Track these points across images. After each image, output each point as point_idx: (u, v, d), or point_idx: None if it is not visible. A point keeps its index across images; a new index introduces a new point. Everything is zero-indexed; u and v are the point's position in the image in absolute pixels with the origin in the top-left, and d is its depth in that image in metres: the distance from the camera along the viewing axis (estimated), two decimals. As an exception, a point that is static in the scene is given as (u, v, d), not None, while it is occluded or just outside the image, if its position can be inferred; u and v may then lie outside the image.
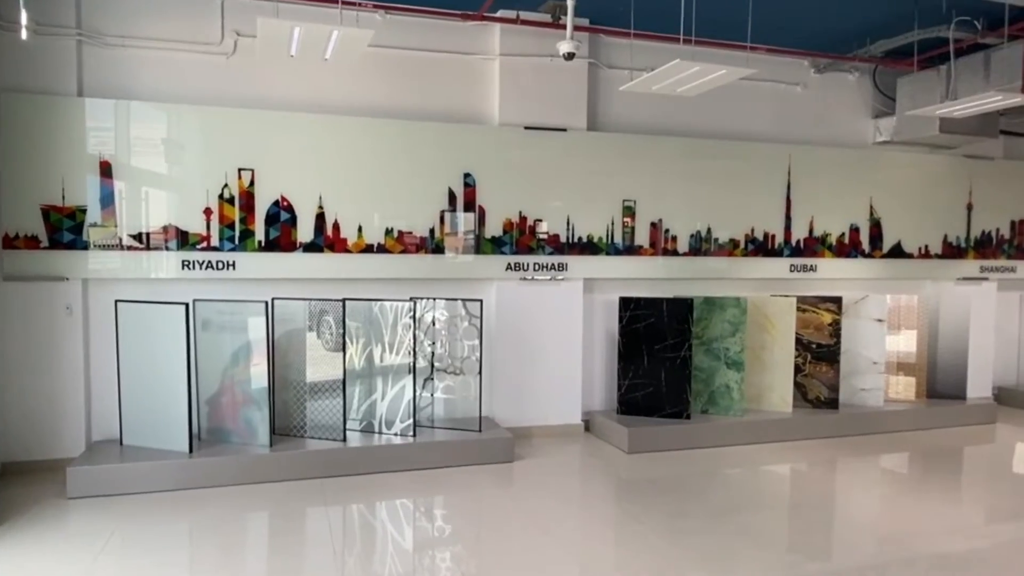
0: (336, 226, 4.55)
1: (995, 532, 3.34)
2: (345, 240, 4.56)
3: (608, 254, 5.13)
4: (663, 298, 4.92)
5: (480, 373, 4.55)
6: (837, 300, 5.26)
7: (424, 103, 4.83)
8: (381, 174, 4.62)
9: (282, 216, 4.45)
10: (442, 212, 4.75)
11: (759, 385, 5.18)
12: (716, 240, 5.39)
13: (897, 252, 5.91)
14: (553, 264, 5.01)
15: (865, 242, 5.81)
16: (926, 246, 6.01)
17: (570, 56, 4.16)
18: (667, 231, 5.27)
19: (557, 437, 5.00)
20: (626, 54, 5.14)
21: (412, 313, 4.36)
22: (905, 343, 5.70)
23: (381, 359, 4.45)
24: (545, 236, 4.97)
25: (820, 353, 5.27)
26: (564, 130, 4.97)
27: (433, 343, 4.61)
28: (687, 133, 5.41)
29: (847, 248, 5.75)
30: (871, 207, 5.82)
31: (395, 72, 4.78)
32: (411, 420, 4.34)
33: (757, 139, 5.58)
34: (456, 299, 4.56)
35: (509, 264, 4.90)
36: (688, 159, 5.30)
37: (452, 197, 4.77)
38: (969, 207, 6.13)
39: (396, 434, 4.33)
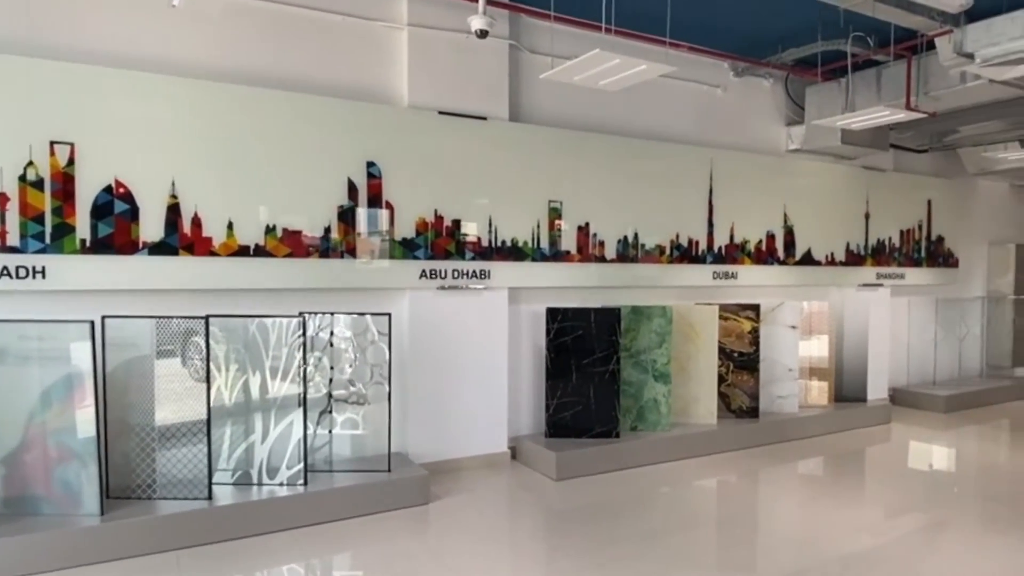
0: (197, 221, 3.54)
1: (895, 527, 3.60)
2: (209, 240, 3.57)
3: (535, 260, 4.60)
4: (591, 308, 4.59)
5: (389, 401, 3.84)
6: (756, 308, 5.25)
7: (318, 73, 3.97)
8: (261, 157, 3.70)
9: (117, 207, 3.37)
10: (340, 207, 3.92)
11: (685, 397, 5.05)
12: (643, 246, 5.09)
13: (808, 259, 6.01)
14: (475, 271, 4.37)
15: (780, 249, 5.83)
16: (832, 253, 6.19)
17: (483, 33, 3.75)
18: (595, 235, 4.85)
19: (481, 469, 4.43)
20: (549, 39, 4.64)
21: (302, 332, 3.55)
22: (818, 349, 5.80)
23: (261, 391, 3.56)
24: (467, 239, 4.31)
25: (742, 362, 5.26)
26: (484, 119, 4.36)
27: (331, 368, 3.81)
28: (614, 131, 5.06)
29: (764, 255, 5.74)
30: (785, 214, 5.85)
31: (282, 33, 3.88)
32: (301, 465, 3.54)
33: (681, 141, 5.39)
34: (359, 313, 3.85)
35: (424, 271, 4.19)
36: (615, 159, 4.94)
37: (353, 190, 3.95)
38: (867, 216, 6.42)
39: (281, 484, 3.54)
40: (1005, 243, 7.98)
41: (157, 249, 3.45)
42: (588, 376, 4.51)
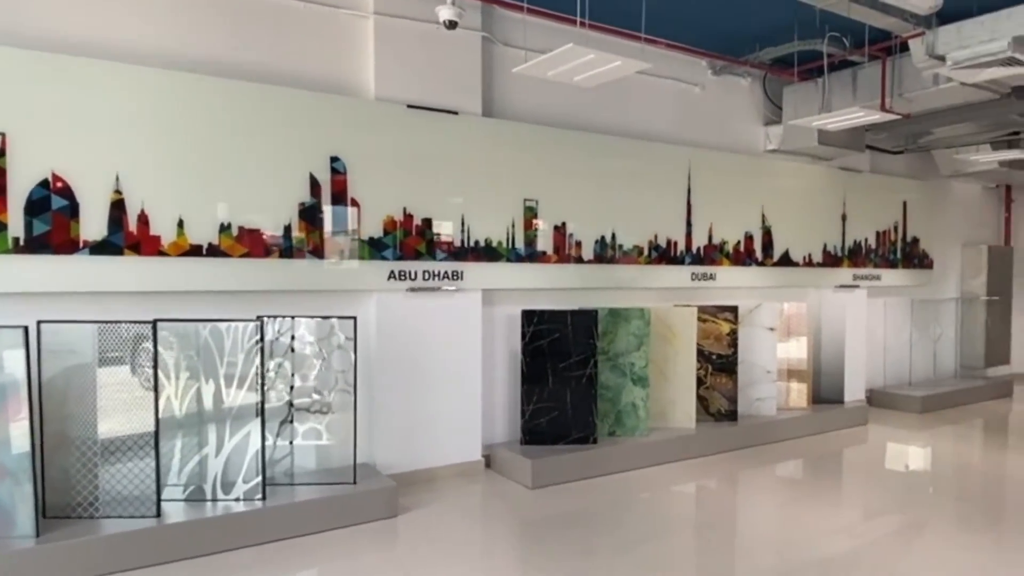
0: (144, 218, 3.31)
1: (872, 529, 3.61)
2: (158, 238, 3.34)
3: (510, 260, 4.45)
4: (568, 310, 4.46)
5: (355, 409, 3.66)
6: (734, 309, 5.19)
7: (278, 63, 3.77)
8: (215, 151, 3.48)
9: (55, 202, 3.12)
10: (302, 205, 3.72)
11: (663, 400, 4.96)
12: (621, 247, 4.97)
13: (786, 260, 5.96)
14: (447, 272, 4.19)
15: (759, 250, 5.77)
16: (810, 254, 6.15)
17: (452, 24, 3.63)
18: (571, 235, 4.72)
19: (453, 479, 4.26)
20: (523, 31, 4.50)
21: (259, 337, 3.35)
22: (796, 350, 5.75)
23: (215, 400, 3.36)
24: (438, 238, 4.14)
25: (720, 364, 5.20)
26: (455, 113, 4.19)
27: (292, 375, 3.62)
28: (591, 128, 4.94)
29: (743, 256, 5.67)
30: (763, 215, 5.80)
31: (239, 19, 3.67)
32: (259, 478, 3.34)
33: (659, 139, 5.29)
34: (322, 316, 3.66)
35: (392, 272, 4.00)
36: (593, 157, 4.82)
37: (316, 186, 3.75)
38: (843, 217, 6.41)
39: (238, 499, 3.34)
40: (978, 244, 8.08)
41: (100, 248, 3.20)
42: (565, 380, 4.39)
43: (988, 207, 8.56)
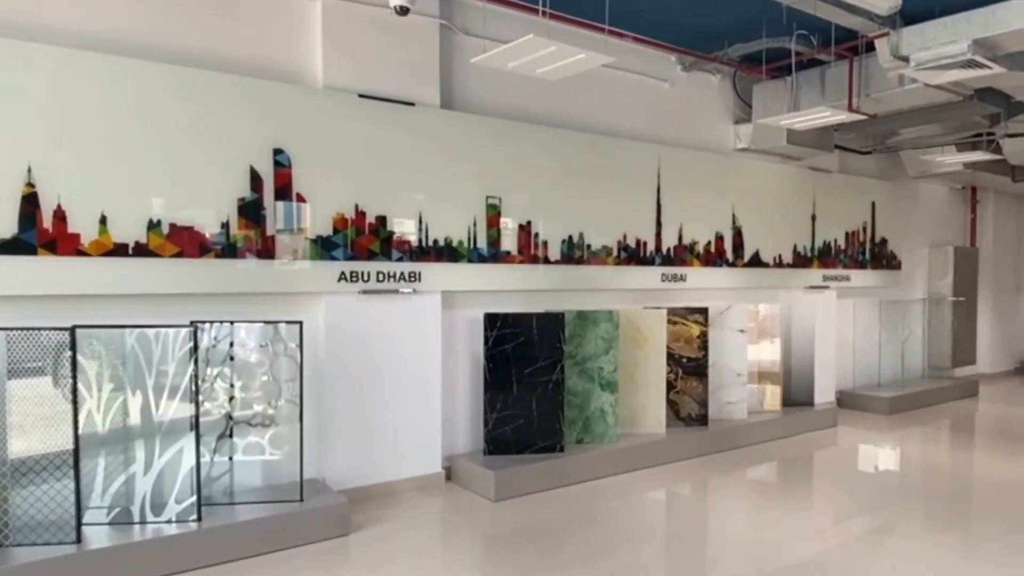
0: (60, 214, 3.01)
1: (842, 532, 3.60)
2: (77, 236, 3.04)
3: (471, 261, 4.24)
4: (533, 313, 4.31)
5: (301, 421, 3.42)
6: (704, 311, 5.09)
7: (216, 46, 3.50)
8: (144, 141, 3.20)
9: (-46, 196, 2.81)
10: (242, 200, 3.46)
11: (633, 406, 4.83)
12: (589, 247, 4.81)
13: (756, 261, 5.88)
14: (403, 273, 3.97)
15: (729, 251, 5.67)
16: (780, 255, 6.08)
17: (403, 10, 3.46)
18: (537, 235, 4.54)
19: (411, 493, 4.05)
20: (482, 20, 4.30)
21: (192, 344, 3.09)
22: (767, 353, 5.68)
23: (144, 414, 3.10)
24: (394, 237, 3.91)
25: (690, 367, 5.10)
26: (412, 104, 3.97)
27: (231, 385, 3.38)
28: (557, 123, 4.77)
29: (713, 257, 5.57)
30: (734, 215, 5.70)
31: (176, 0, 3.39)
32: (193, 498, 3.09)
33: (628, 136, 5.15)
34: (265, 322, 3.42)
35: (343, 273, 3.76)
36: (559, 153, 4.65)
37: (257, 180, 3.49)
38: (813, 218, 6.36)
39: (170, 520, 3.08)
40: (944, 246, 8.16)
41: (9, 247, 2.90)
42: (530, 387, 4.23)
43: (955, 208, 8.67)
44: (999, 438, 5.78)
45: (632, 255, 5.06)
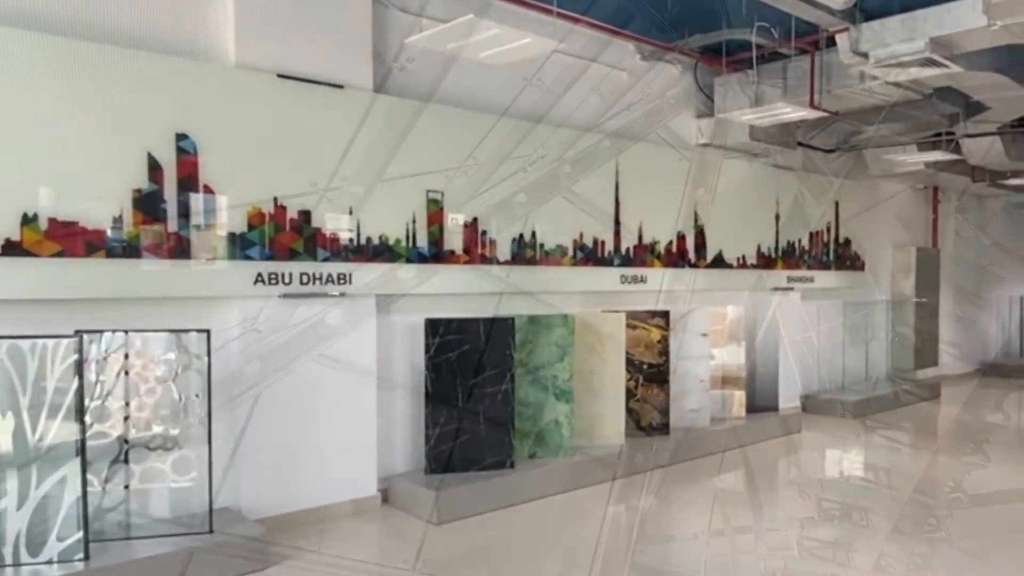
0: (-99, 207, 2.56)
1: (806, 540, 3.57)
2: (-72, 232, 2.60)
3: (410, 261, 3.90)
4: (481, 319, 4.03)
5: (209, 443, 3.05)
6: (665, 315, 4.89)
7: (109, 15, 3.07)
8: (16, 123, 2.78)
9: None
10: (138, 192, 3.04)
11: (590, 416, 4.58)
12: (542, 246, 4.52)
13: (719, 262, 5.69)
14: (331, 274, 3.59)
15: (691, 251, 5.46)
16: (744, 256, 5.90)
17: None
18: (484, 233, 4.22)
19: (342, 519, 3.70)
20: (422, -4, 3.96)
21: (78, 357, 2.72)
22: (730, 357, 5.49)
23: (16, 439, 2.69)
24: (319, 235, 3.54)
25: (651, 374, 4.89)
26: (341, 87, 3.60)
27: (126, 404, 2.99)
28: (507, 113, 4.44)
29: (675, 257, 5.35)
30: (695, 213, 5.49)
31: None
32: (80, 534, 2.71)
33: (584, 128, 4.87)
34: (166, 330, 3.04)
35: (260, 275, 3.38)
36: (509, 145, 4.33)
37: (156, 169, 3.08)
38: (777, 217, 6.20)
39: (51, 561, 2.70)
40: (907, 246, 8.14)
41: None
42: (477, 398, 3.96)
43: (917, 208, 8.68)
44: (961, 441, 5.85)
45: (589, 255, 4.80)
